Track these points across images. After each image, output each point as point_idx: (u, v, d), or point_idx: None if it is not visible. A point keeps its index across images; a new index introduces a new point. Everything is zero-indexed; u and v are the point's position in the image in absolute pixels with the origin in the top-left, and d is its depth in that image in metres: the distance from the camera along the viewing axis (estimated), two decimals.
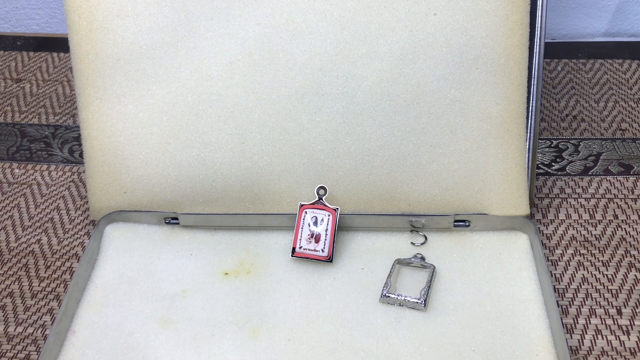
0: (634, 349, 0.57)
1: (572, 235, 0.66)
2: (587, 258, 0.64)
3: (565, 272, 0.63)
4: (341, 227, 0.64)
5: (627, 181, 0.71)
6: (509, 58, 0.61)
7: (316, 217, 0.63)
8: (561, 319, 0.56)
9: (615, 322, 0.59)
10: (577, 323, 0.59)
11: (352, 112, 0.63)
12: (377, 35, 0.61)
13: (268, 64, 0.62)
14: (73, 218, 0.70)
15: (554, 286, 0.62)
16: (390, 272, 0.61)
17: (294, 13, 0.61)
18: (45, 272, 0.65)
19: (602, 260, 0.64)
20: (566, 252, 0.65)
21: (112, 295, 0.61)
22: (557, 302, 0.59)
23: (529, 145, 0.64)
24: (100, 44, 0.62)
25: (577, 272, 0.63)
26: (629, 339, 0.58)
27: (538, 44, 0.62)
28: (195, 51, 0.62)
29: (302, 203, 0.63)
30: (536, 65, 0.63)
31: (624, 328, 0.59)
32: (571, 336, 0.58)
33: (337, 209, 0.63)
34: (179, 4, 0.61)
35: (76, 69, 0.63)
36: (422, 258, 0.62)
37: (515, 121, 0.63)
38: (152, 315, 0.59)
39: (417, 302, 0.58)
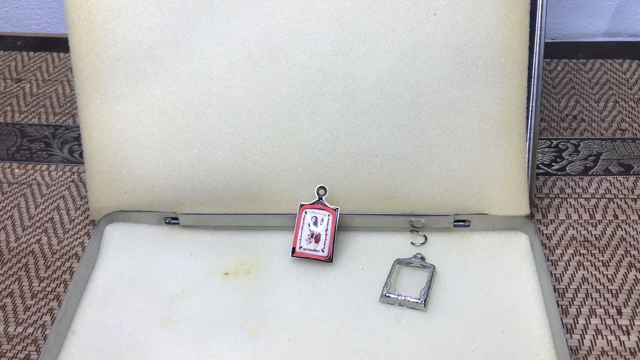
0: (634, 349, 0.57)
1: (572, 235, 0.66)
2: (587, 258, 0.64)
3: (565, 272, 0.63)
4: (341, 227, 0.64)
5: (627, 181, 0.71)
6: (509, 58, 0.61)
7: (316, 217, 0.63)
8: (561, 319, 0.56)
9: (615, 322, 0.59)
10: (577, 323, 0.59)
11: (352, 112, 0.63)
12: (377, 35, 0.61)
13: (268, 64, 0.62)
14: (73, 218, 0.70)
15: (554, 286, 0.62)
16: (390, 272, 0.61)
17: (294, 13, 0.61)
18: (45, 272, 0.65)
19: (602, 260, 0.64)
20: (566, 252, 0.65)
21: (112, 295, 0.61)
22: (557, 302, 0.59)
23: (529, 145, 0.64)
24: (100, 44, 0.62)
25: (577, 272, 0.63)
26: (629, 339, 0.58)
27: (538, 44, 0.62)
28: (195, 51, 0.62)
29: (302, 203, 0.63)
30: (536, 65, 0.63)
31: (624, 328, 0.59)
32: (571, 336, 0.58)
33: (337, 209, 0.63)
34: (179, 4, 0.61)
35: (76, 69, 0.63)
36: (422, 258, 0.62)
37: (515, 121, 0.63)
38: (152, 315, 0.59)
39: (417, 302, 0.58)
